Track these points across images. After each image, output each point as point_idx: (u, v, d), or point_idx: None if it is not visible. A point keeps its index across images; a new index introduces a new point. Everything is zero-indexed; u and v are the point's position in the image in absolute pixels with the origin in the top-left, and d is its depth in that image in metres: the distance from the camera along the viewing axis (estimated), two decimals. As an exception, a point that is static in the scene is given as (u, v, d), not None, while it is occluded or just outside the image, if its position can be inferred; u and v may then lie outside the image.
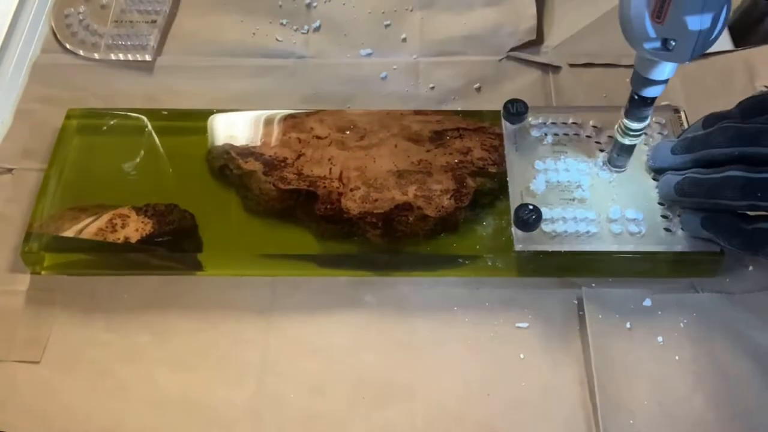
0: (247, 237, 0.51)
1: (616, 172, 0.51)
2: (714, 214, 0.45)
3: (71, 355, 0.48)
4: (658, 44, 0.40)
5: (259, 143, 0.54)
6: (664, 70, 0.43)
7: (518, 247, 0.48)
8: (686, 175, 0.46)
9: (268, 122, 0.56)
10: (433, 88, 0.61)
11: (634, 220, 0.49)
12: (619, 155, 0.50)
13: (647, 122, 0.47)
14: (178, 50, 0.63)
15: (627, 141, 0.48)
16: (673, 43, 0.40)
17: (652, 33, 0.40)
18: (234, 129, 0.55)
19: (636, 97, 0.45)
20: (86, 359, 0.48)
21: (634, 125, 0.47)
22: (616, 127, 0.49)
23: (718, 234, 0.45)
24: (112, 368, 0.47)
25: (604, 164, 0.51)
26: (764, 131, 0.43)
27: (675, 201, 0.48)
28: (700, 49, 0.40)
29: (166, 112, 0.57)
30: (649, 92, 0.45)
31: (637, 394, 0.45)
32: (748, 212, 0.44)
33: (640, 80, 0.44)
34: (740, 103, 0.46)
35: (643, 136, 0.49)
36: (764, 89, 0.57)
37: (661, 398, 0.45)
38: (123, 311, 0.49)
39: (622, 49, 0.60)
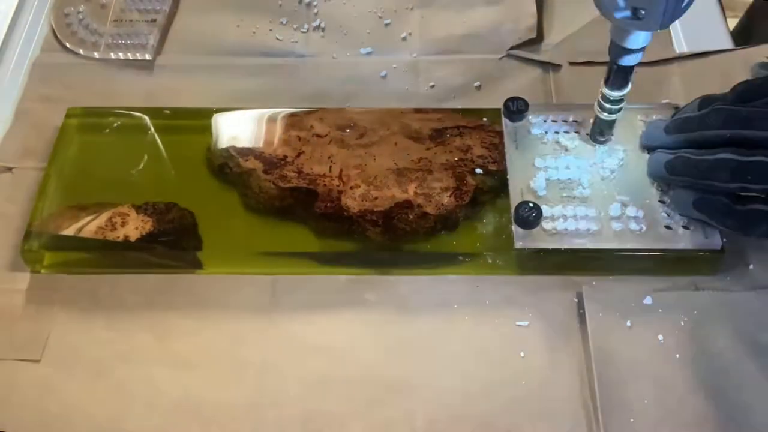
0: (247, 235, 0.51)
1: (601, 145, 0.52)
2: (706, 195, 0.46)
3: (71, 353, 0.48)
4: (628, 13, 0.41)
5: (258, 142, 0.54)
6: (639, 38, 0.44)
7: (518, 244, 0.48)
8: (678, 154, 0.47)
9: (268, 121, 0.56)
10: (433, 86, 0.61)
11: (635, 217, 0.49)
12: (600, 130, 0.51)
13: (627, 90, 0.48)
14: (178, 49, 0.63)
15: (605, 116, 0.50)
16: (643, 12, 0.40)
17: (621, 3, 0.41)
18: (234, 127, 0.55)
19: (615, 66, 0.46)
20: (86, 358, 0.48)
21: (615, 94, 0.48)
22: (595, 103, 0.50)
23: (711, 215, 0.46)
24: (112, 367, 0.47)
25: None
26: (757, 115, 0.43)
27: (663, 179, 0.49)
28: (670, 17, 0.40)
29: (166, 111, 0.57)
30: (627, 60, 0.45)
31: (638, 392, 0.45)
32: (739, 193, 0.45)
33: (618, 49, 0.45)
34: (735, 87, 0.47)
35: (622, 112, 0.49)
36: (766, 60, 0.57)
37: (662, 397, 0.45)
38: (123, 310, 0.49)
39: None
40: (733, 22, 0.65)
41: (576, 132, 0.53)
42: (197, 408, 0.46)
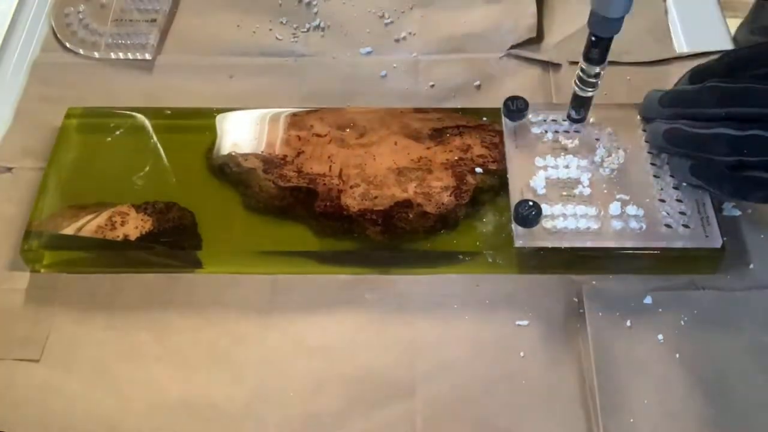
0: (247, 234, 0.51)
1: (576, 124, 0.53)
2: (703, 163, 0.47)
3: (70, 353, 0.48)
4: None
5: (259, 141, 0.54)
6: (620, 6, 0.44)
7: (518, 243, 0.48)
8: (675, 125, 0.47)
9: (268, 120, 0.55)
10: (433, 86, 0.61)
11: (635, 216, 0.49)
12: (577, 107, 0.52)
13: (605, 65, 0.48)
14: (178, 49, 0.63)
15: (583, 92, 0.50)
16: None
17: None
18: (234, 127, 0.55)
19: (594, 38, 0.46)
20: (85, 357, 0.48)
21: (593, 69, 0.48)
22: (573, 80, 0.50)
23: (709, 181, 0.47)
24: (112, 366, 0.47)
25: (564, 120, 0.53)
26: (750, 91, 0.45)
27: (663, 148, 0.50)
28: None
29: (166, 111, 0.57)
30: (608, 32, 0.46)
31: (638, 392, 0.45)
32: None
33: (598, 20, 0.45)
34: (723, 56, 0.48)
35: (598, 87, 0.50)
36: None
37: (662, 397, 0.45)
38: (122, 309, 0.49)
39: (622, 47, 0.60)
40: (732, 22, 0.65)
41: (576, 131, 0.53)
42: (197, 407, 0.46)
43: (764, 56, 0.47)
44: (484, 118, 0.55)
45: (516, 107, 0.54)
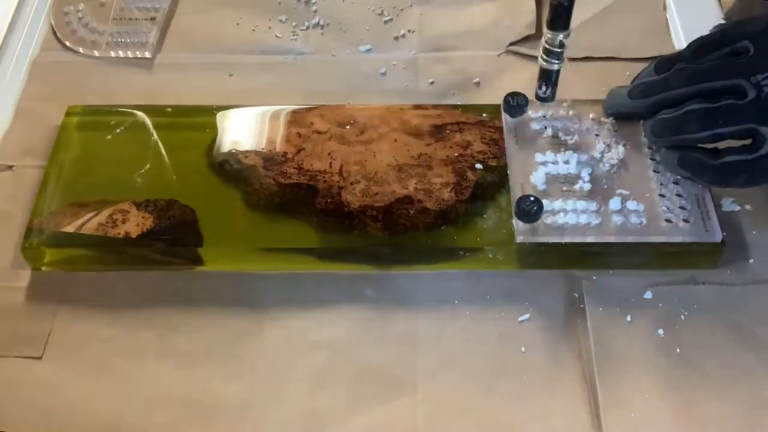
0: (248, 231, 0.51)
1: (546, 105, 0.53)
2: (686, 153, 0.48)
3: (72, 350, 0.48)
4: None
5: (259, 138, 0.54)
6: None
7: (519, 239, 0.48)
8: (657, 116, 0.48)
9: (269, 118, 0.56)
10: (432, 83, 0.61)
11: (635, 211, 0.49)
12: (544, 83, 0.52)
13: (568, 34, 0.48)
14: (178, 47, 0.64)
15: (549, 65, 0.50)
16: None
17: None
18: (234, 124, 0.56)
19: (556, 4, 0.47)
20: (87, 355, 0.48)
21: (557, 37, 0.48)
22: (539, 56, 0.50)
23: (693, 172, 0.48)
24: (114, 364, 0.47)
25: (533, 99, 0.53)
26: (716, 67, 0.46)
27: (656, 143, 0.51)
28: None
29: (166, 109, 0.57)
30: None
31: (638, 387, 0.45)
32: (717, 146, 0.47)
33: None
34: (689, 45, 0.49)
35: (563, 60, 0.50)
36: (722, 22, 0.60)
37: (662, 391, 0.45)
38: (124, 307, 0.49)
39: (621, 43, 0.60)
40: (731, 18, 0.65)
41: (575, 126, 0.53)
42: (199, 404, 0.46)
43: (728, 36, 0.47)
44: (484, 115, 0.55)
45: (516, 103, 0.54)
